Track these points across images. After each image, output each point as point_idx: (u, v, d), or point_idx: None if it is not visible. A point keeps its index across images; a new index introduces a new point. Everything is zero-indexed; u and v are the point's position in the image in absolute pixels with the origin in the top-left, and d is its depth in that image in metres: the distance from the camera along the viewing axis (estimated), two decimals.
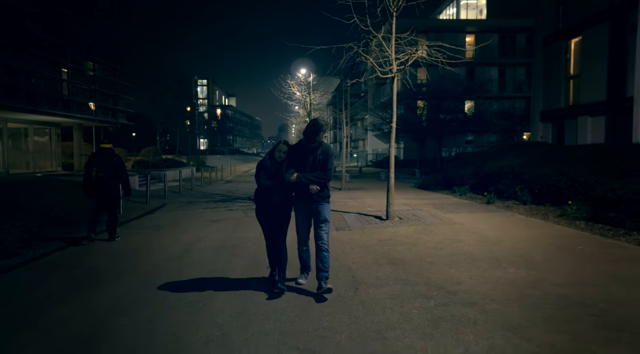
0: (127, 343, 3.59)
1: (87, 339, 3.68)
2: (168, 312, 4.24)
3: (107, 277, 5.56)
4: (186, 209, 12.48)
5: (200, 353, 3.37)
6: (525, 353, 3.21)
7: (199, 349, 3.43)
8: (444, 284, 4.87)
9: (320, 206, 4.69)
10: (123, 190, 7.91)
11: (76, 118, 22.08)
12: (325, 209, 4.73)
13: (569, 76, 17.21)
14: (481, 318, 3.88)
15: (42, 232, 8.16)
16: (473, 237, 7.40)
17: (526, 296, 4.41)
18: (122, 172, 7.70)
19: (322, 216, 4.69)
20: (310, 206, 4.69)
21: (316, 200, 4.67)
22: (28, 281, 5.53)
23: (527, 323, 3.74)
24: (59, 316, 4.20)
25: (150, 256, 6.69)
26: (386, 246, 6.88)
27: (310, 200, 4.66)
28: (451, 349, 3.30)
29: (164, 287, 5.04)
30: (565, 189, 10.10)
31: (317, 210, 4.69)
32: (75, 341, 3.64)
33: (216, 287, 4.99)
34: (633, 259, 5.77)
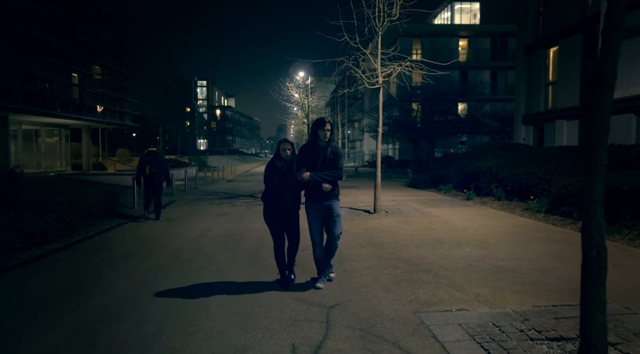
0: (169, 296, 4.84)
1: (139, 290, 4.93)
2: (194, 277, 5.51)
3: (139, 255, 6.82)
4: (194, 205, 13.73)
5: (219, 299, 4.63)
6: (456, 299, 4.49)
7: (219, 302, 4.69)
8: (410, 259, 6.15)
9: (332, 203, 4.85)
10: (165, 181, 10.51)
11: (87, 120, 23.32)
12: (337, 205, 4.90)
13: (548, 82, 18.52)
14: (432, 280, 5.16)
15: (74, 222, 9.42)
16: (445, 227, 8.68)
17: (471, 266, 5.69)
18: (165, 168, 10.45)
19: (335, 211, 4.84)
20: (322, 204, 4.83)
21: (327, 198, 4.82)
22: (77, 258, 6.79)
23: (464, 282, 5.02)
24: (114, 278, 5.46)
25: (172, 240, 7.95)
26: (370, 233, 8.15)
27: (322, 198, 4.80)
28: (405, 298, 4.58)
29: (188, 260, 6.31)
30: (534, 186, 11.39)
31: (330, 206, 4.83)
32: (130, 292, 4.90)
33: (230, 260, 6.25)
34: (567, 241, 7.06)
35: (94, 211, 11.17)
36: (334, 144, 4.86)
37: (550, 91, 18.38)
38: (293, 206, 4.84)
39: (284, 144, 4.79)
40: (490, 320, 3.87)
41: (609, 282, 3.18)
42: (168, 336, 3.72)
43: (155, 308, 4.40)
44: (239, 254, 6.69)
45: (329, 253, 4.98)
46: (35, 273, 5.88)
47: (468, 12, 50.95)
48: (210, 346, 3.52)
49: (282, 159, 4.77)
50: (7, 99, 17.00)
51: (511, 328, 3.68)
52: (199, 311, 4.28)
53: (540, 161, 12.13)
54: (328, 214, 4.84)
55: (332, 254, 5.01)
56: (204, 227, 9.38)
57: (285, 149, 4.75)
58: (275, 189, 4.75)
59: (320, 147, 4.81)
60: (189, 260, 6.40)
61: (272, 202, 4.81)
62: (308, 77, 34.70)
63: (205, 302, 4.55)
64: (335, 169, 4.80)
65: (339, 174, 4.81)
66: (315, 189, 4.76)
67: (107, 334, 3.78)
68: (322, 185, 4.70)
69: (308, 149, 4.85)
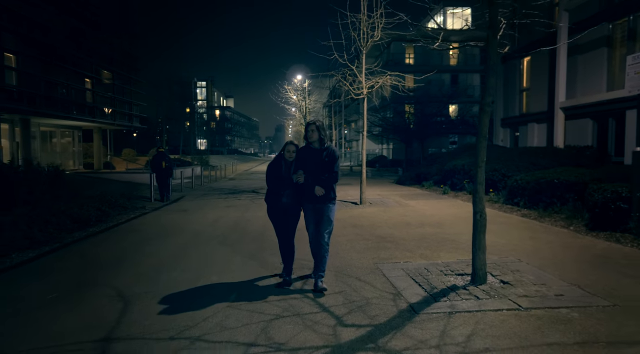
0: (196, 259, 6.66)
1: (172, 257, 6.75)
2: (214, 247, 7.33)
3: (167, 235, 8.63)
4: (203, 199, 15.54)
5: (237, 259, 6.45)
6: (406, 256, 6.31)
7: (237, 261, 6.50)
8: (381, 235, 7.98)
9: (324, 207, 4.80)
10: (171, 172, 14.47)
11: (100, 123, 25.11)
12: (329, 210, 4.83)
13: (522, 89, 20.39)
14: (393, 247, 6.99)
15: (107, 211, 11.22)
16: (416, 214, 10.53)
17: (424, 239, 7.53)
18: (171, 163, 14.57)
19: (325, 216, 4.81)
20: (315, 206, 4.83)
21: (321, 201, 4.78)
22: (117, 237, 8.60)
23: (415, 248, 6.86)
24: (151, 249, 7.28)
25: (190, 225, 9.76)
26: (353, 219, 9.98)
27: (315, 201, 4.79)
28: (370, 256, 6.39)
29: (208, 238, 8.13)
30: (498, 182, 13.23)
31: (321, 210, 4.82)
32: (168, 257, 6.71)
33: (240, 238, 8.07)
34: (505, 223, 8.91)
35: (119, 202, 12.98)
36: (329, 147, 4.84)
37: (524, 96, 20.25)
38: (292, 206, 4.94)
39: (289, 146, 4.89)
40: (424, 266, 5.70)
41: (522, 245, 4.87)
42: (210, 274, 5.54)
43: (190, 264, 6.23)
44: (247, 235, 8.50)
45: (317, 258, 4.91)
46: (91, 247, 7.70)
47: (460, 16, 52.85)
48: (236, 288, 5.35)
49: (284, 160, 4.90)
50: (32, 104, 18.79)
51: (435, 269, 5.52)
52: (224, 267, 6.11)
53: (505, 160, 13.97)
54: (319, 219, 4.86)
55: (321, 263, 4.87)
56: (215, 215, 11.19)
57: (290, 151, 4.86)
58: (273, 189, 4.94)
59: (315, 149, 4.85)
60: (208, 237, 8.22)
61: (272, 201, 4.98)
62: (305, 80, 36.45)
63: (227, 261, 6.37)
64: (331, 172, 4.76)
65: (333, 177, 4.77)
66: (309, 192, 4.77)
67: (162, 277, 5.59)
68: (315, 188, 4.70)
69: (304, 152, 4.90)
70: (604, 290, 4.60)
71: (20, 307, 4.54)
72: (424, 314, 4.06)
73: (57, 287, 5.21)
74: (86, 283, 5.35)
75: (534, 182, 10.10)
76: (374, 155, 50.51)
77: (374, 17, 11.32)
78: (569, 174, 9.51)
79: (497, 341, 3.47)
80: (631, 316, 3.91)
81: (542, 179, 9.86)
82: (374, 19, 11.30)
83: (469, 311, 4.10)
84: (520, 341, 3.46)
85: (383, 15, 11.25)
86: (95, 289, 5.07)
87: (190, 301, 4.61)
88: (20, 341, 3.69)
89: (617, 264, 5.67)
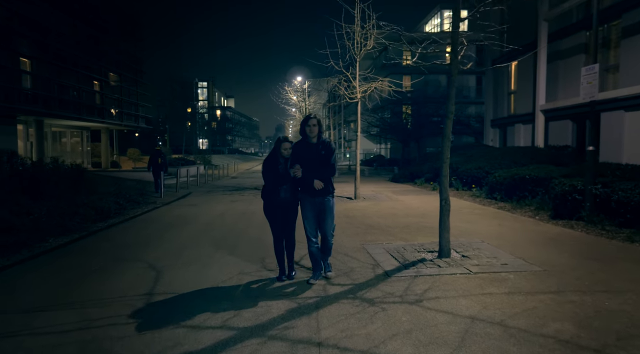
0: (210, 241, 7.77)
1: (190, 240, 7.86)
2: (225, 233, 8.45)
3: (182, 225, 9.75)
4: (209, 195, 16.66)
5: (245, 240, 7.56)
6: (388, 239, 7.42)
7: (245, 241, 7.62)
8: (370, 224, 9.10)
9: (325, 200, 4.88)
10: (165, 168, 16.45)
11: (108, 123, 26.24)
12: (330, 202, 4.92)
13: (510, 91, 21.50)
14: (378, 232, 8.10)
15: (124, 205, 12.34)
16: (404, 207, 11.65)
17: (407, 226, 8.64)
18: (165, 160, 16.73)
19: (327, 208, 4.90)
20: (315, 200, 4.88)
21: (321, 194, 4.83)
22: (137, 226, 9.72)
23: (398, 233, 7.97)
24: (171, 235, 8.40)
25: (201, 217, 10.88)
26: (347, 211, 11.09)
27: (315, 194, 4.82)
28: (358, 239, 7.51)
29: (218, 226, 9.25)
30: (482, 179, 14.34)
31: (322, 202, 4.89)
32: (185, 241, 7.82)
33: (246, 227, 9.19)
34: (482, 214, 10.03)
35: (133, 198, 14.10)
36: (325, 141, 4.90)
37: (512, 98, 21.37)
38: (290, 201, 4.97)
39: (284, 143, 4.90)
40: (402, 246, 6.82)
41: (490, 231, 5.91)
42: (223, 253, 6.66)
43: (206, 244, 7.36)
44: (253, 224, 9.61)
45: (324, 251, 5.09)
46: (117, 234, 8.82)
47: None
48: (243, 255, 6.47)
49: (280, 156, 4.91)
50: (47, 106, 19.92)
51: (411, 248, 6.64)
52: (234, 247, 7.22)
53: (489, 159, 15.09)
54: (321, 210, 4.90)
55: (328, 253, 5.12)
56: (222, 209, 12.31)
57: (287, 148, 4.89)
58: (271, 185, 4.93)
59: (312, 144, 4.88)
60: (218, 226, 9.35)
61: (269, 197, 4.97)
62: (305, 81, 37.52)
63: (236, 243, 7.50)
64: (328, 165, 4.83)
65: (331, 170, 4.84)
66: (308, 185, 4.81)
67: (184, 254, 6.71)
68: (314, 182, 4.74)
69: (300, 147, 4.92)
70: (541, 261, 5.71)
71: (70, 277, 5.65)
72: (394, 277, 5.18)
73: (97, 263, 6.33)
74: (121, 259, 6.47)
75: (510, 178, 11.22)
76: (373, 154, 51.67)
77: (366, 28, 12.44)
78: (539, 171, 10.63)
79: (446, 292, 4.59)
80: (552, 277, 5.03)
81: (517, 175, 10.98)
82: (367, 30, 12.41)
83: (430, 275, 5.22)
84: (463, 292, 4.58)
85: (375, 27, 12.38)
86: (130, 264, 6.19)
87: (209, 269, 5.73)
88: (79, 296, 4.81)
89: (562, 244, 6.79)
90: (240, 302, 4.48)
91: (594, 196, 8.06)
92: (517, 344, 3.37)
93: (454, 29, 6.07)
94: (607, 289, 4.60)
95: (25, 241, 7.68)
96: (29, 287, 5.20)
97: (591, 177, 8.14)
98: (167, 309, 4.33)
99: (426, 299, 4.39)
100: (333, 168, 4.88)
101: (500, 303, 4.26)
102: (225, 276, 5.41)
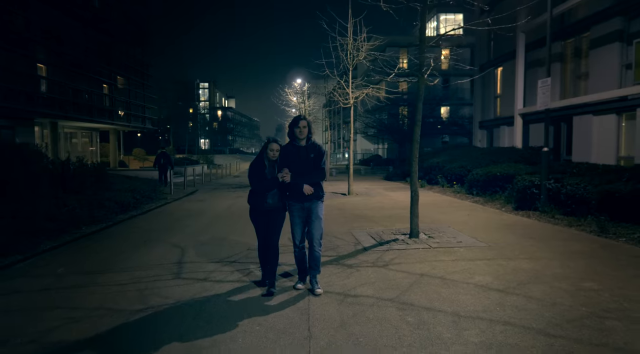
0: (221, 228, 9.17)
1: (204, 227, 9.26)
2: (233, 222, 9.85)
3: (195, 216, 11.16)
4: (215, 192, 18.06)
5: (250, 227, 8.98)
6: (372, 226, 8.82)
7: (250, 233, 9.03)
8: (359, 214, 10.50)
9: (313, 205, 4.69)
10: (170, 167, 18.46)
11: (117, 125, 27.65)
12: (319, 207, 4.73)
13: (496, 95, 22.91)
14: (365, 221, 9.50)
15: (141, 200, 13.75)
16: (391, 201, 13.05)
17: (391, 217, 10.04)
18: (171, 160, 19.00)
19: (315, 214, 4.70)
20: (303, 205, 4.69)
21: (310, 199, 4.66)
22: (156, 217, 11.12)
23: (382, 221, 9.37)
24: (189, 223, 9.80)
25: (210, 210, 12.28)
26: (340, 205, 12.49)
27: (304, 199, 4.65)
28: (346, 226, 8.90)
29: (226, 216, 10.65)
30: (464, 176, 15.73)
31: (310, 209, 4.69)
32: (200, 228, 9.22)
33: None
34: (460, 207, 11.43)
35: (147, 194, 15.50)
36: (315, 143, 4.74)
37: (498, 102, 22.77)
38: (276, 207, 4.78)
39: (272, 145, 4.69)
40: (381, 230, 8.22)
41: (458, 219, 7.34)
42: (232, 236, 8.07)
43: (218, 230, 8.76)
44: None
45: (312, 265, 4.80)
46: (140, 223, 10.23)
47: (453, 22, 55.32)
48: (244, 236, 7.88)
49: (267, 159, 4.72)
50: (62, 109, 21.34)
51: (389, 232, 8.03)
52: (241, 232, 8.63)
53: (471, 158, 16.49)
54: (309, 215, 4.72)
55: (316, 267, 4.80)
56: (228, 203, 13.72)
57: (273, 150, 4.67)
58: (257, 189, 4.72)
59: (300, 146, 4.70)
60: (226, 216, 10.75)
61: (255, 202, 4.80)
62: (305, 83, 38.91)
63: (243, 230, 8.91)
64: (317, 169, 4.67)
65: (321, 174, 4.68)
66: (297, 191, 4.62)
67: (201, 237, 8.10)
68: (303, 186, 4.58)
69: (288, 149, 4.72)
70: (489, 240, 7.12)
71: (113, 252, 7.04)
72: (370, 251, 6.58)
73: (131, 243, 7.73)
74: (150, 240, 7.87)
75: (484, 176, 12.62)
76: (370, 154, 53.08)
77: (358, 40, 13.84)
78: (509, 169, 12.04)
79: (407, 260, 5.99)
80: (492, 250, 6.44)
81: (490, 172, 12.38)
82: (359, 43, 13.82)
83: (399, 249, 6.63)
84: (420, 259, 5.98)
85: (366, 40, 13.79)
86: (158, 244, 7.59)
87: (222, 247, 7.13)
88: (125, 264, 6.21)
89: (513, 229, 8.19)
90: (247, 265, 5.88)
91: (548, 190, 9.46)
92: (448, 288, 4.78)
93: (420, 49, 7.45)
94: (530, 257, 6.01)
95: (64, 228, 9.09)
96: (83, 260, 6.60)
97: (545, 173, 9.54)
98: (193, 270, 5.73)
99: (391, 264, 5.79)
100: (323, 172, 4.72)
101: (445, 266, 5.66)
102: (235, 252, 6.81)
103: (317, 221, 4.74)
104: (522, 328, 3.70)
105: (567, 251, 6.32)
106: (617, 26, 14.01)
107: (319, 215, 4.75)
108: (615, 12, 13.97)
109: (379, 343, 3.49)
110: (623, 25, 13.96)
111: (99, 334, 3.77)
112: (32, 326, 3.97)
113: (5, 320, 4.17)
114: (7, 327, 3.99)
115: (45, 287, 5.16)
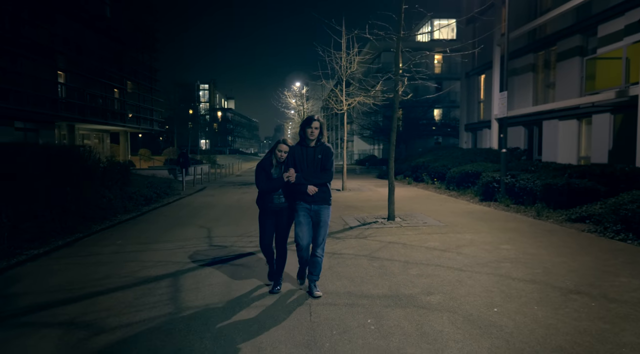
0: (234, 215, 11.09)
1: (220, 215, 11.18)
2: (243, 211, 11.77)
3: (209, 208, 13.06)
4: (222, 189, 19.98)
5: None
6: (359, 213, 10.76)
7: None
8: (348, 205, 12.43)
9: (320, 209, 4.60)
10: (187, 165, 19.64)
11: (128, 127, 29.55)
12: (324, 212, 4.63)
13: (479, 100, 24.89)
14: (353, 209, 11.44)
15: (161, 194, 15.67)
16: (378, 195, 15.00)
17: (376, 207, 11.98)
18: (187, 159, 21.37)
19: (321, 218, 4.60)
20: (310, 207, 4.61)
21: (316, 201, 4.57)
22: (176, 209, 13.04)
23: (368, 209, 11.32)
24: (207, 212, 11.72)
25: (221, 203, 14.20)
26: (334, 198, 14.22)
27: (312, 201, 4.57)
28: (338, 213, 10.84)
29: (237, 208, 12.58)
30: (445, 174, 17.69)
31: (318, 212, 4.60)
32: (217, 215, 11.14)
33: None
34: (437, 200, 13.38)
35: (163, 190, 17.42)
36: (324, 145, 4.65)
37: (481, 106, 24.75)
38: (284, 207, 4.78)
39: (281, 145, 4.66)
40: (366, 215, 10.16)
41: (431, 208, 9.25)
42: (245, 221, 9.99)
43: (232, 217, 10.70)
44: None
45: (312, 271, 4.75)
46: (165, 211, 12.17)
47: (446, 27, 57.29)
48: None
49: (275, 160, 4.70)
50: (80, 113, 23.25)
51: (372, 216, 9.97)
52: (252, 218, 10.55)
53: (452, 158, 18.45)
54: (316, 221, 4.63)
55: (316, 273, 4.74)
56: (236, 197, 15.65)
57: (282, 151, 4.64)
58: (263, 189, 4.70)
59: (309, 147, 4.63)
60: (236, 207, 12.68)
61: (263, 203, 4.81)
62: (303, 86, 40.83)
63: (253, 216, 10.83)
64: (324, 170, 4.58)
65: (327, 176, 4.59)
66: (303, 191, 4.54)
67: (220, 221, 10.02)
68: (308, 187, 4.51)
69: (297, 150, 4.66)
70: (449, 222, 9.07)
71: (151, 233, 8.96)
72: (355, 229, 8.53)
73: (165, 225, 9.65)
74: (179, 224, 9.80)
75: (459, 173, 14.58)
76: (366, 154, 55.10)
77: (351, 54, 15.79)
78: (479, 167, 14.00)
79: (381, 234, 7.93)
80: (447, 227, 8.39)
81: (464, 170, 14.34)
82: (351, 56, 15.77)
83: (377, 228, 8.57)
84: (391, 234, 7.93)
85: (357, 54, 15.74)
86: (187, 226, 9.52)
87: (238, 227, 9.05)
88: (167, 238, 8.13)
89: (471, 214, 10.14)
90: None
91: (506, 184, 11.41)
92: (406, 249, 6.73)
93: (395, 72, 9.39)
94: (474, 231, 7.96)
95: (104, 215, 11.02)
96: (133, 236, 8.52)
97: (504, 170, 11.49)
98: (220, 241, 7.66)
99: (369, 237, 7.74)
100: (329, 173, 4.61)
101: (409, 237, 7.61)
102: (250, 230, 8.74)
103: (323, 226, 4.64)
104: (448, 268, 5.65)
105: (502, 227, 8.29)
106: (578, 42, 16.00)
107: (326, 220, 4.65)
108: (575, 30, 15.95)
109: (354, 275, 5.44)
110: (583, 41, 15.95)
111: (169, 273, 5.71)
112: (121, 270, 5.91)
113: (101, 269, 6.10)
114: (104, 271, 5.93)
115: (114, 251, 7.09)
